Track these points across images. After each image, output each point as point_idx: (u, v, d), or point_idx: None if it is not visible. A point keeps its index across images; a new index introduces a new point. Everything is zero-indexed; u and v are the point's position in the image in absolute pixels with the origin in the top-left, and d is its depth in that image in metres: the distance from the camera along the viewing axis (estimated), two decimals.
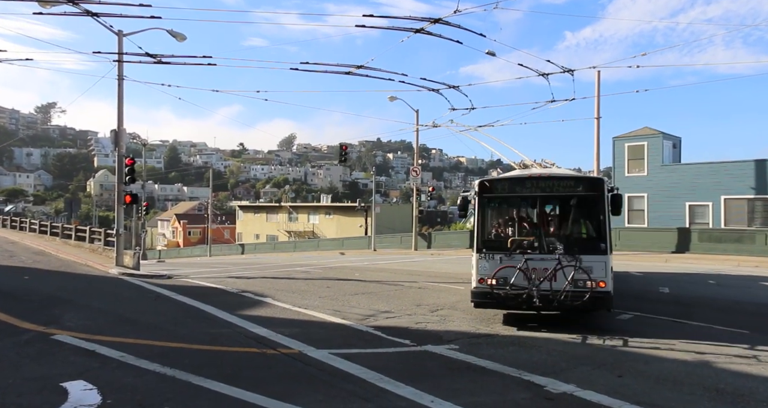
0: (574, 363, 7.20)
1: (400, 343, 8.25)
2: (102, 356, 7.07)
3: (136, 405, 5.31)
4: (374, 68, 13.12)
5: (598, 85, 25.66)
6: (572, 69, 14.89)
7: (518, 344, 8.25)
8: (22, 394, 5.56)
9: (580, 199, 9.74)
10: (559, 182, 9.70)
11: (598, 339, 8.66)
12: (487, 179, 10.10)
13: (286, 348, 7.73)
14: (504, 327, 9.60)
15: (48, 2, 11.82)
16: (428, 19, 10.75)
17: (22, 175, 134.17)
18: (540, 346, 8.08)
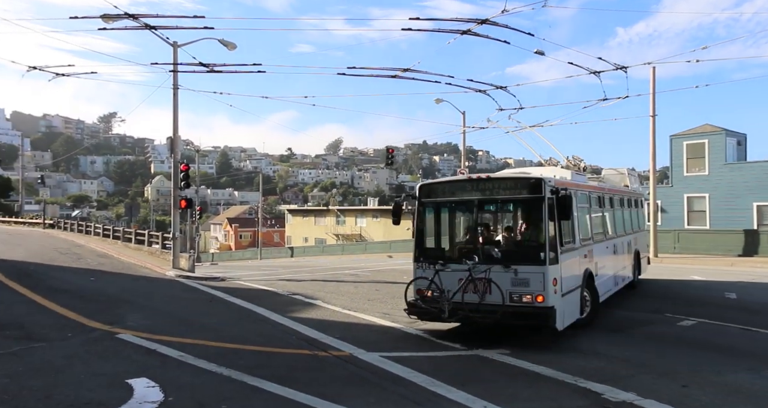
0: (633, 371, 6.93)
1: (451, 347, 8.18)
2: (162, 355, 7.35)
3: (196, 403, 5.48)
4: (421, 71, 13.13)
5: (653, 81, 24.71)
6: (625, 66, 14.41)
7: (573, 350, 8.03)
8: (93, 389, 5.85)
9: (520, 203, 9.11)
10: (498, 184, 8.87)
11: (657, 346, 8.31)
12: (426, 183, 9.50)
13: (336, 350, 7.81)
14: (564, 330, 9.34)
15: (111, 18, 12.46)
16: (475, 20, 10.66)
17: (86, 182, 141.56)
18: (597, 353, 7.83)
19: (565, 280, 8.36)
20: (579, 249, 9.25)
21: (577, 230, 9.19)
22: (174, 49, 18.77)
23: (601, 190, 11.77)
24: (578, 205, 9.53)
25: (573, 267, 8.87)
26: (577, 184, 10.13)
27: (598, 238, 10.61)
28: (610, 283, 11.39)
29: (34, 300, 11.51)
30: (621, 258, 12.60)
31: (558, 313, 8.02)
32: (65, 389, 5.82)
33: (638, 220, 15.19)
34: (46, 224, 39.10)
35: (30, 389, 5.82)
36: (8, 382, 6.10)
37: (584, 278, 9.31)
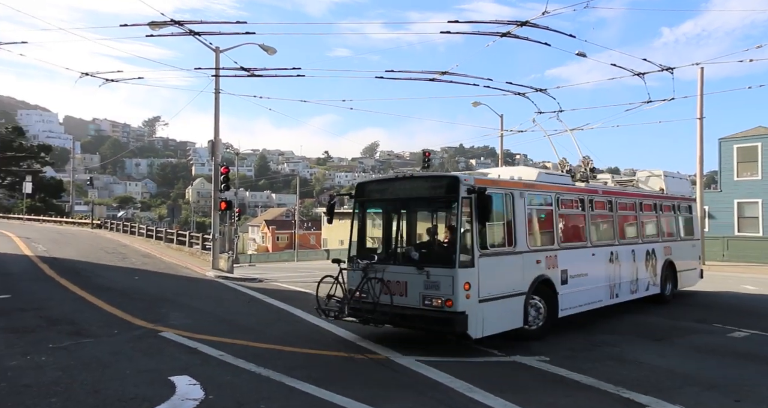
0: (679, 382, 6.68)
1: (488, 353, 8.07)
2: (203, 354, 7.52)
3: (235, 402, 5.58)
4: (459, 74, 13.07)
5: (701, 82, 23.87)
6: (671, 67, 13.95)
7: (615, 359, 7.80)
8: (137, 384, 6.04)
9: (437, 203, 8.76)
10: (419, 183, 8.70)
11: (704, 357, 7.99)
12: (361, 182, 9.35)
13: (372, 353, 7.82)
14: (601, 337, 9.12)
15: (158, 25, 12.90)
16: (515, 23, 10.53)
17: (131, 184, 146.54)
18: (638, 362, 7.58)
19: (488, 285, 7.95)
20: (526, 253, 8.73)
21: (521, 233, 8.68)
22: (216, 54, 19.25)
23: (581, 192, 10.62)
24: (527, 207, 8.98)
25: (508, 272, 8.42)
26: (529, 185, 9.35)
27: (571, 244, 9.98)
28: (594, 294, 10.35)
29: (83, 297, 11.96)
30: (628, 267, 11.38)
31: (472, 319, 7.66)
32: (112, 384, 6.03)
33: (675, 228, 13.73)
34: (94, 224, 40.64)
35: (80, 383, 6.05)
36: (61, 374, 6.36)
37: (533, 286, 8.75)
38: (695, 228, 14.84)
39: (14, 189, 59.65)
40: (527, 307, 8.69)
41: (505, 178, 9.17)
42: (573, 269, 9.73)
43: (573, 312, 9.78)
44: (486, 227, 8.07)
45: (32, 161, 61.17)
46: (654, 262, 12.42)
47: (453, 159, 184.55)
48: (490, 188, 8.10)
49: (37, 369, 6.60)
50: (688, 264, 14.03)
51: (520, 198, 8.83)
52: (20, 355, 7.24)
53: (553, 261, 9.32)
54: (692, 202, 14.94)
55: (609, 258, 10.87)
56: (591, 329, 9.99)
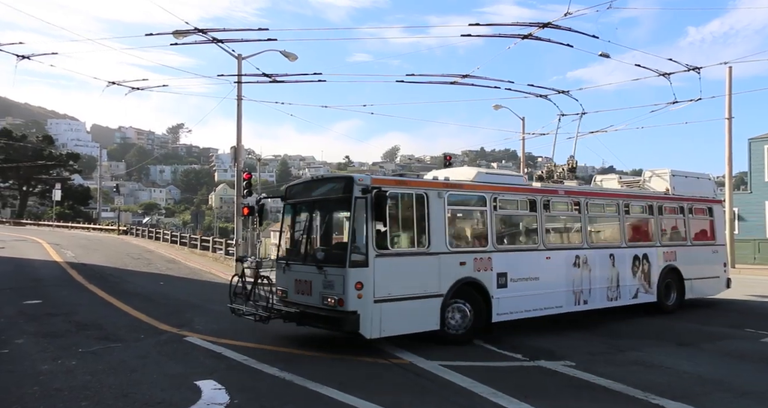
0: (709, 388, 6.52)
1: (512, 357, 8.00)
2: (227, 358, 7.60)
3: (260, 407, 5.62)
4: (480, 77, 13.02)
5: (729, 82, 23.35)
6: (698, 67, 13.70)
7: (640, 363, 7.66)
8: (164, 389, 6.13)
9: (337, 203, 8.74)
10: (325, 184, 8.87)
11: (736, 363, 7.79)
12: (288, 184, 9.74)
13: (396, 358, 7.80)
14: (625, 342, 8.96)
15: (182, 33, 13.16)
16: (536, 24, 10.47)
17: (156, 190, 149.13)
18: (667, 367, 7.43)
19: (387, 285, 7.91)
20: (444, 254, 8.59)
21: (438, 234, 8.55)
22: (239, 61, 19.52)
23: (531, 193, 10.12)
24: (449, 208, 8.85)
25: (417, 273, 8.32)
26: (452, 185, 9.15)
27: (514, 246, 9.84)
28: (550, 299, 9.91)
29: (110, 302, 12.20)
30: (603, 273, 10.72)
31: (365, 319, 7.67)
32: (140, 388, 6.13)
33: (684, 231, 12.68)
34: (120, 231, 41.45)
35: (109, 387, 6.17)
36: (90, 379, 6.50)
37: (454, 288, 8.60)
38: (717, 232, 13.52)
39: (44, 196, 61.28)
40: (446, 310, 8.57)
41: (419, 179, 9.17)
42: (516, 272, 9.47)
43: (516, 317, 9.53)
44: (386, 227, 8.04)
45: (61, 169, 62.81)
46: (646, 268, 11.60)
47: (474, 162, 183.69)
48: (393, 188, 8.22)
49: (67, 373, 6.75)
50: (704, 271, 12.83)
51: (438, 198, 8.69)
52: (51, 359, 7.42)
53: (485, 263, 9.09)
54: (714, 204, 13.58)
55: (573, 262, 10.35)
56: (613, 333, 9.84)
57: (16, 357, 7.55)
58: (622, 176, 14.47)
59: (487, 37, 15.51)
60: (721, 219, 13.92)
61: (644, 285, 11.57)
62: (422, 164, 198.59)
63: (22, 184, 61.91)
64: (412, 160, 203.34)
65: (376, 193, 7.81)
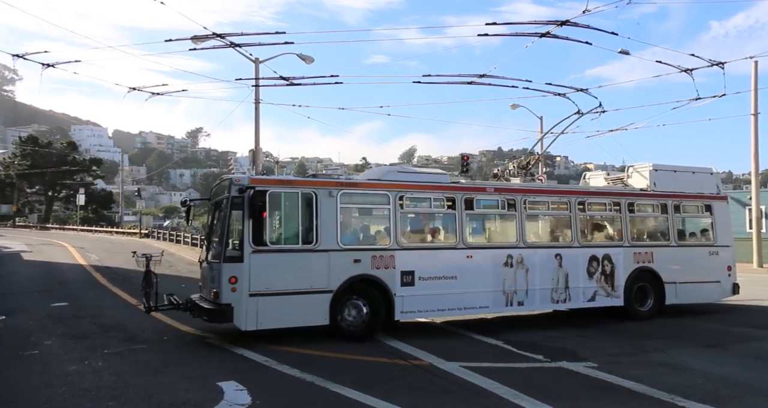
0: (737, 391, 6.40)
1: (533, 359, 7.94)
2: (249, 359, 7.67)
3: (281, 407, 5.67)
4: (497, 76, 12.94)
5: (755, 77, 22.89)
6: (722, 62, 13.39)
7: (665, 365, 7.54)
8: (188, 389, 6.22)
9: (223, 203, 9.06)
10: (219, 185, 9.55)
11: (762, 365, 7.62)
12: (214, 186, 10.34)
13: (416, 359, 7.80)
14: (647, 343, 8.83)
15: (200, 39, 13.32)
16: (554, 22, 10.38)
17: (176, 194, 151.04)
18: (691, 369, 7.30)
19: (266, 280, 8.31)
20: (334, 252, 8.81)
21: (328, 231, 8.78)
22: (256, 65, 19.74)
23: (448, 190, 9.92)
24: (343, 206, 9.07)
25: (301, 269, 8.62)
26: (347, 184, 9.39)
27: (424, 245, 9.80)
28: (471, 299, 9.71)
29: (133, 304, 12.38)
30: (546, 273, 10.33)
31: (240, 312, 8.14)
32: (164, 389, 6.23)
33: (667, 231, 11.76)
34: (142, 234, 42.12)
35: (134, 387, 6.28)
36: (116, 379, 6.62)
37: (346, 285, 8.80)
38: (719, 232, 12.14)
39: (69, 201, 62.60)
40: (342, 306, 8.81)
41: (307, 178, 9.42)
42: (427, 271, 9.44)
43: (428, 316, 9.63)
44: (265, 224, 8.39)
45: (85, 174, 64.10)
46: (608, 269, 10.91)
47: (491, 162, 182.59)
48: (276, 188, 8.67)
49: (94, 374, 6.88)
50: (696, 275, 11.72)
51: (329, 197, 8.92)
52: (78, 360, 7.57)
53: (386, 261, 9.15)
54: (714, 201, 12.23)
55: (504, 262, 10.04)
56: (636, 334, 9.72)
57: (45, 358, 7.73)
58: (610, 173, 13.46)
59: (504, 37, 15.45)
60: (724, 217, 12.40)
61: (605, 287, 10.85)
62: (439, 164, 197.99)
63: (47, 190, 63.31)
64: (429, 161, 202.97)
65: (252, 192, 8.30)
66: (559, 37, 11.00)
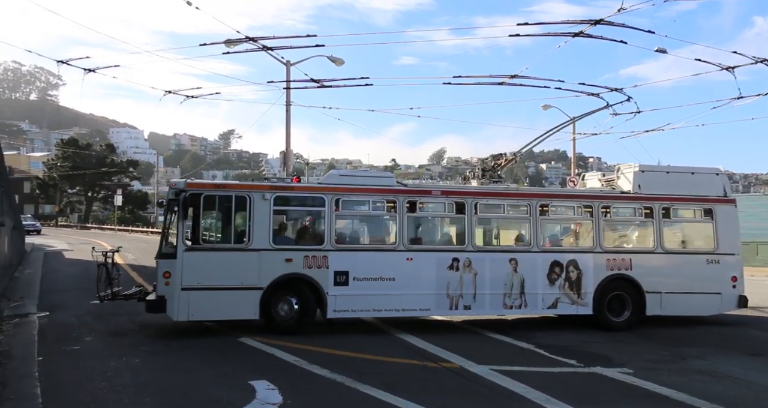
0: None
1: (565, 363, 7.81)
2: (280, 359, 7.76)
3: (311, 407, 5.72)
4: (528, 77, 12.73)
5: None
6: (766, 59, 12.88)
7: (705, 373, 7.32)
8: (221, 387, 6.33)
9: (166, 204, 9.53)
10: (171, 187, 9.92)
11: None
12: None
13: (446, 361, 7.76)
14: (686, 349, 8.58)
15: (233, 42, 13.55)
16: (588, 22, 10.16)
17: None
18: (733, 378, 7.07)
19: (197, 276, 9.00)
20: (266, 251, 9.31)
21: (260, 232, 9.30)
22: (287, 67, 19.94)
23: (390, 194, 9.96)
24: (276, 208, 9.54)
25: (231, 266, 9.19)
26: (281, 187, 9.80)
27: (359, 246, 10.07)
28: (410, 300, 9.76)
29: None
30: (499, 278, 10.07)
31: (172, 304, 8.91)
32: (198, 387, 6.36)
33: (650, 236, 10.93)
34: None
35: (170, 384, 6.43)
36: (152, 376, 6.80)
37: (277, 282, 9.28)
38: (721, 238, 10.96)
39: (107, 202, 64.52)
40: (276, 302, 9.35)
41: (242, 183, 10.09)
42: (362, 272, 9.62)
43: (362, 315, 10.01)
44: (198, 225, 9.27)
45: (122, 176, 66.00)
46: (574, 275, 10.36)
47: (522, 164, 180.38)
48: (210, 191, 9.43)
49: (132, 370, 7.08)
50: (688, 285, 10.73)
51: (263, 200, 9.41)
52: (117, 356, 7.79)
53: (318, 261, 9.48)
54: (716, 204, 11.05)
55: (449, 265, 9.92)
56: (674, 340, 9.46)
57: (86, 354, 7.98)
58: (606, 174, 12.63)
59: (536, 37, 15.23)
60: (730, 222, 11.13)
61: (569, 294, 10.32)
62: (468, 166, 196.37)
63: (87, 190, 65.39)
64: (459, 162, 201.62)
65: (185, 195, 9.10)
66: (593, 37, 10.76)
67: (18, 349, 8.09)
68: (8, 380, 6.45)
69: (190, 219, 9.23)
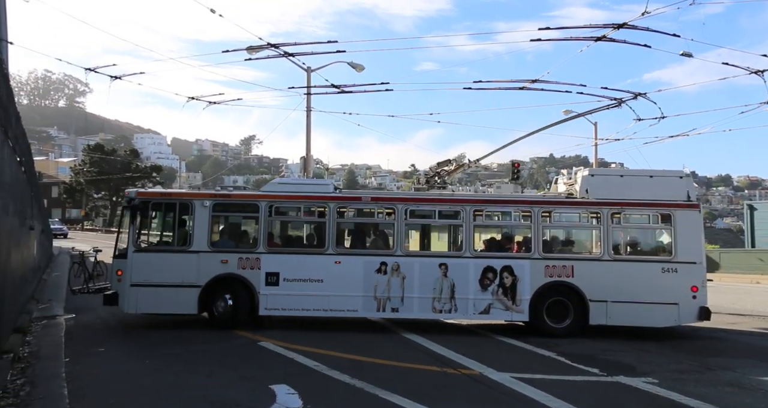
0: None
1: (588, 372, 7.68)
2: (300, 364, 7.77)
3: None
4: (550, 81, 12.64)
5: None
6: None
7: (734, 384, 7.12)
8: (241, 391, 6.37)
9: (121, 211, 11.13)
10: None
11: None
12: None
13: (465, 368, 7.69)
14: (713, 360, 8.37)
15: (255, 49, 13.74)
16: (611, 26, 10.05)
17: None
18: (766, 391, 6.85)
19: (143, 274, 10.14)
20: (204, 253, 10.28)
21: (200, 236, 10.32)
22: (308, 73, 20.10)
23: (318, 200, 10.65)
24: (214, 214, 10.55)
25: (173, 266, 10.23)
26: (219, 195, 10.82)
27: (290, 249, 10.94)
28: (338, 301, 10.27)
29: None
30: (426, 282, 10.22)
31: (123, 298, 10.13)
32: (219, 390, 6.40)
33: (592, 243, 10.89)
34: None
35: (192, 387, 6.49)
36: (174, 378, 6.88)
37: (213, 281, 10.22)
38: (681, 245, 10.25)
39: None
40: (205, 298, 10.19)
41: (186, 191, 11.28)
42: (292, 273, 10.30)
43: (291, 314, 10.51)
44: (146, 229, 10.63)
45: (146, 181, 67.17)
46: (508, 281, 10.25)
47: (543, 169, 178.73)
48: (158, 200, 10.78)
49: (154, 372, 7.17)
50: (639, 294, 10.16)
51: (202, 207, 10.40)
52: (140, 358, 7.91)
53: (252, 263, 10.30)
54: (677, 210, 10.32)
55: (377, 268, 10.28)
56: (701, 350, 9.25)
57: (111, 356, 8.13)
58: (571, 177, 12.02)
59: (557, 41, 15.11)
60: (691, 229, 10.37)
61: (503, 300, 10.23)
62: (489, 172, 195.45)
63: (112, 195, 66.70)
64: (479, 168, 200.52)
65: (134, 203, 10.35)
66: (616, 41, 10.64)
67: (46, 350, 8.26)
68: (38, 380, 6.59)
69: (140, 224, 10.43)
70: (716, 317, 10.90)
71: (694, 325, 10.61)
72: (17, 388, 6.29)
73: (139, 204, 10.37)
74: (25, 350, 8.24)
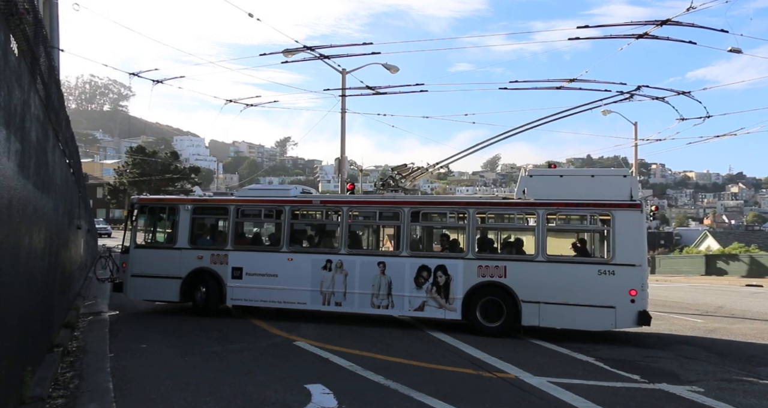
0: None
1: (628, 378, 7.47)
2: (334, 364, 7.83)
3: None
4: (588, 80, 12.38)
5: None
6: None
7: None
8: (277, 390, 6.45)
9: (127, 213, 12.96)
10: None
11: None
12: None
13: (501, 372, 7.60)
14: (765, 369, 8.01)
15: (291, 52, 13.99)
16: (653, 22, 9.77)
17: None
18: None
19: (140, 267, 12.00)
20: (185, 250, 11.89)
21: (182, 235, 11.93)
22: (342, 75, 20.28)
23: (271, 204, 11.80)
24: (195, 216, 12.08)
25: (162, 261, 11.94)
26: (198, 200, 12.64)
27: (250, 247, 12.04)
28: (289, 295, 11.28)
29: (226, 307, 13.08)
30: (367, 279, 10.89)
31: (127, 286, 12.11)
32: (255, 388, 6.50)
33: (526, 244, 10.71)
34: None
35: (228, 384, 6.62)
36: (212, 376, 7.02)
37: (192, 274, 11.72)
38: (618, 247, 9.80)
39: None
40: (186, 288, 11.72)
41: (176, 196, 12.96)
42: (252, 268, 11.53)
43: (252, 304, 11.63)
44: (144, 228, 12.54)
45: (185, 181, 68.98)
46: (442, 280, 10.44)
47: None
48: (153, 204, 12.58)
49: (194, 369, 7.34)
50: (573, 296, 9.88)
51: (185, 210, 12.02)
52: (180, 356, 8.11)
53: (221, 258, 11.69)
54: (617, 210, 9.89)
55: (323, 265, 11.15)
56: (751, 359, 8.87)
57: (152, 352, 8.36)
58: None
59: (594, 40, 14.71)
60: (632, 229, 9.86)
61: (437, 299, 10.52)
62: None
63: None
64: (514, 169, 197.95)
65: (136, 207, 12.40)
66: (659, 38, 10.35)
67: (92, 345, 8.58)
68: (85, 374, 6.85)
69: (140, 224, 12.45)
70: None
71: (743, 335, 10.19)
72: (67, 380, 6.57)
73: (139, 208, 12.38)
74: (74, 345, 8.58)
